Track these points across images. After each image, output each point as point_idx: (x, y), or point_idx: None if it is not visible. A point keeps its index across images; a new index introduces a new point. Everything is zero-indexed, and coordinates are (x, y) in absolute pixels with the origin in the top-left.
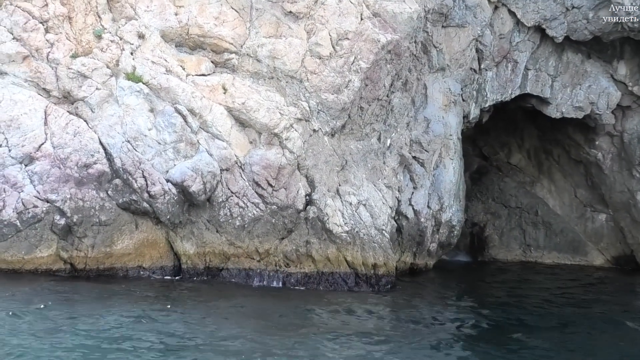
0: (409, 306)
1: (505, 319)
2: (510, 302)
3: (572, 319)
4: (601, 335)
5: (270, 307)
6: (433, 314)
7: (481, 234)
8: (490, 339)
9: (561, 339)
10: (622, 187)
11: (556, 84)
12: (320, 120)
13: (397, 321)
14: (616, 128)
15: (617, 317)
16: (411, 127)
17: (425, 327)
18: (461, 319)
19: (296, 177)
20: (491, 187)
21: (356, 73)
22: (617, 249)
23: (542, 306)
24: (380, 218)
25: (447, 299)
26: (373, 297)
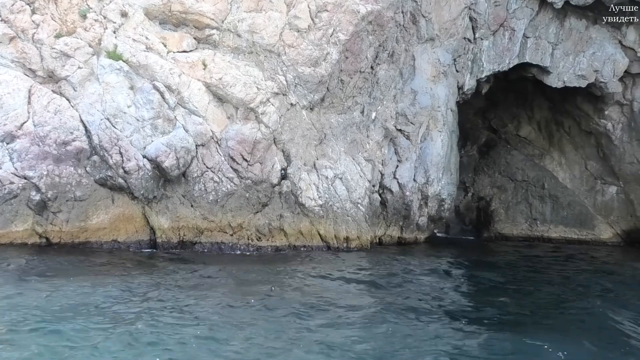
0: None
1: (468, 290)
2: (481, 275)
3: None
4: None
5: (245, 268)
6: (397, 282)
7: (487, 209)
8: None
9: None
10: (632, 158)
11: (557, 51)
12: (298, 94)
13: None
14: (625, 97)
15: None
16: (398, 99)
17: (379, 294)
18: (425, 290)
19: (272, 151)
20: (498, 160)
21: (335, 45)
22: (628, 222)
23: (508, 276)
24: (356, 192)
25: (415, 268)
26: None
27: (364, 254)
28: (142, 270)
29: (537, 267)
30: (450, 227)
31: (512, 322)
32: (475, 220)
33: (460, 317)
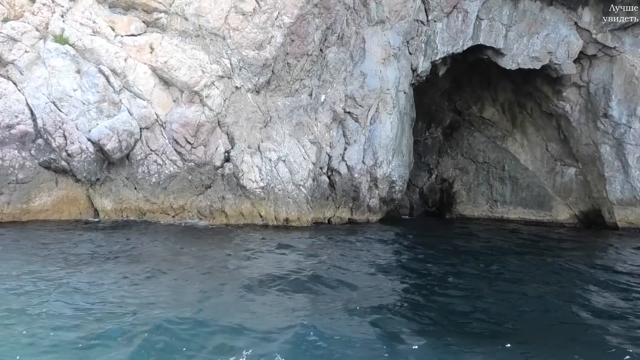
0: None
1: (405, 267)
2: (420, 253)
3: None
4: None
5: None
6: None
7: (450, 190)
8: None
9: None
10: (588, 139)
11: (511, 33)
12: (242, 77)
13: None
14: (582, 78)
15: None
16: (347, 82)
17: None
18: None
19: (216, 134)
20: (461, 142)
21: (279, 28)
22: (586, 203)
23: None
24: (299, 174)
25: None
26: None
27: (300, 233)
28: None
29: (468, 245)
30: (414, 209)
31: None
32: (438, 202)
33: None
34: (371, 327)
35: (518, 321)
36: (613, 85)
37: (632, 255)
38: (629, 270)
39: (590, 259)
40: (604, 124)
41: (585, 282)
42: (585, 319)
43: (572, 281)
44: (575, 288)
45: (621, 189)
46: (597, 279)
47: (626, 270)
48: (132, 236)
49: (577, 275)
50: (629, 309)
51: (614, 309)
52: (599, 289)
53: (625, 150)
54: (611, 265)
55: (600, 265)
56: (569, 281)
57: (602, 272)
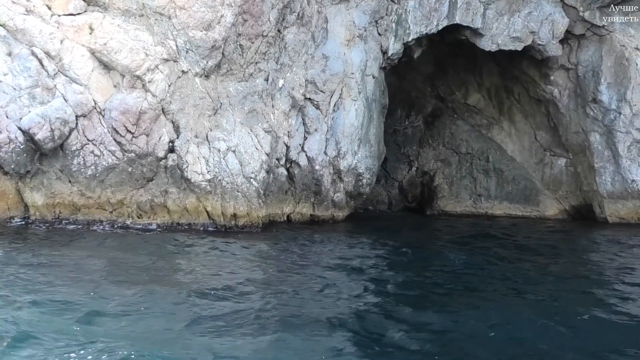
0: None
1: (363, 273)
2: (373, 256)
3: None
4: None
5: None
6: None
7: (431, 184)
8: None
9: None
10: (577, 127)
11: (489, 11)
12: (189, 60)
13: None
14: (570, 60)
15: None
16: (308, 65)
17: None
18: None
19: (160, 122)
20: (443, 131)
21: (229, 7)
22: (577, 197)
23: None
24: (250, 165)
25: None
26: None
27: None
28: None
29: (440, 250)
30: (393, 205)
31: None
32: (419, 197)
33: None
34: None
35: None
36: (602, 68)
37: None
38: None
39: (575, 266)
40: (594, 110)
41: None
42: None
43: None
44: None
45: (612, 180)
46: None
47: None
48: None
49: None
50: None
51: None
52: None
53: (616, 138)
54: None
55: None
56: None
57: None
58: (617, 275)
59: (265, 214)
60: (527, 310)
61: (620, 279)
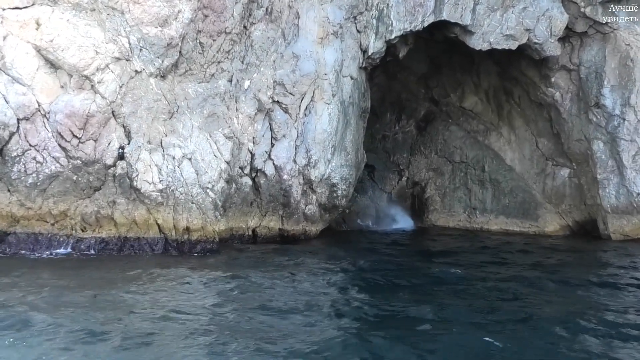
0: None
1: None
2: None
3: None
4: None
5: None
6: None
7: (422, 195)
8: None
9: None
10: (580, 134)
11: (480, 7)
12: (143, 59)
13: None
14: (572, 60)
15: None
16: (277, 65)
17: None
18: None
19: (110, 126)
20: (435, 137)
21: (188, 1)
22: (582, 212)
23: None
24: (207, 174)
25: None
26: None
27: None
28: None
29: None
30: (380, 218)
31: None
32: (409, 210)
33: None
34: None
35: None
36: (606, 69)
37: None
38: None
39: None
40: (597, 116)
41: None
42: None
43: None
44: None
45: (616, 193)
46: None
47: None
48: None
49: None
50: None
51: None
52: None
53: (620, 147)
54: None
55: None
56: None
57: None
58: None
59: (224, 227)
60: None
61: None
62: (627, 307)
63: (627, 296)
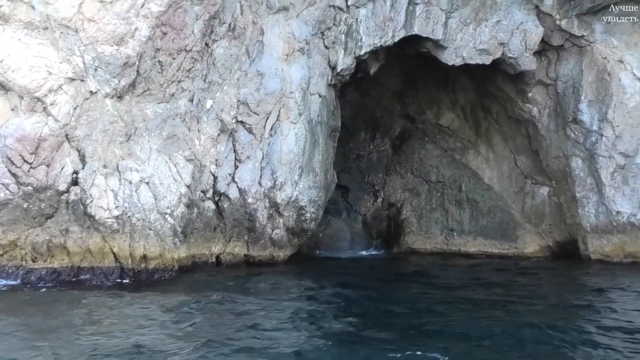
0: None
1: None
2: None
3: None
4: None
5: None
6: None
7: (398, 217)
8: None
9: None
10: (558, 151)
11: (452, 21)
12: (99, 79)
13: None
14: (549, 75)
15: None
16: (240, 84)
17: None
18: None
19: (63, 151)
20: (411, 156)
21: (145, 19)
22: (563, 232)
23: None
24: (166, 199)
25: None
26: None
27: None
28: None
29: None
30: (355, 242)
31: None
32: (385, 233)
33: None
34: None
35: None
36: (583, 83)
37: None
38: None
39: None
40: (574, 132)
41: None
42: None
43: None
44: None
45: (595, 212)
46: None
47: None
48: None
49: None
50: None
51: None
52: None
53: (598, 163)
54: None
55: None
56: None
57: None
58: None
59: (185, 255)
60: None
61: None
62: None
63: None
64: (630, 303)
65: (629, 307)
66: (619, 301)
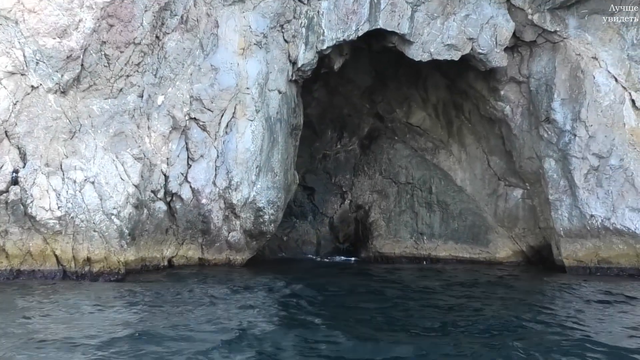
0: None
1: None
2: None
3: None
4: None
5: None
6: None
7: (366, 220)
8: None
9: None
10: (531, 151)
11: (419, 14)
12: (40, 73)
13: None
14: (522, 72)
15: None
16: (194, 79)
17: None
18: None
19: (3, 148)
20: (380, 156)
21: (90, 10)
22: (537, 236)
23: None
24: (112, 199)
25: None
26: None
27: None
28: None
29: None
30: (322, 246)
31: None
32: (353, 236)
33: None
34: None
35: None
36: (556, 81)
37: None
38: None
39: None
40: (548, 132)
41: None
42: None
43: None
44: None
45: (569, 215)
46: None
47: None
48: None
49: None
50: None
51: None
52: None
53: (571, 165)
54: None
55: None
56: None
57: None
58: None
59: (134, 258)
60: None
61: None
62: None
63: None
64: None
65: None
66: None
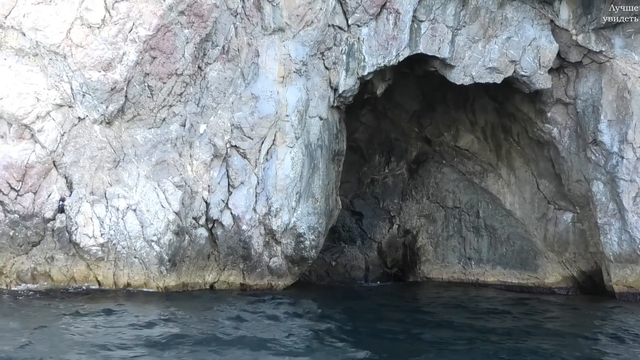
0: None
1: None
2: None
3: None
4: None
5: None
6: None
7: (413, 245)
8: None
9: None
10: (579, 174)
11: (459, 38)
12: (87, 105)
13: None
14: (568, 93)
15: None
16: (235, 107)
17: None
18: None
19: (51, 178)
20: (427, 181)
21: (133, 43)
22: (588, 261)
23: None
24: (152, 226)
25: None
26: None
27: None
28: None
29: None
30: (370, 271)
31: None
32: (401, 261)
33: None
34: None
35: None
36: (602, 102)
37: None
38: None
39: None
40: (595, 154)
41: None
42: None
43: None
44: None
45: (618, 240)
46: None
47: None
48: None
49: None
50: None
51: None
52: None
53: (619, 188)
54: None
55: None
56: None
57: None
58: None
59: (175, 283)
60: None
61: None
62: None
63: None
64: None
65: None
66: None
